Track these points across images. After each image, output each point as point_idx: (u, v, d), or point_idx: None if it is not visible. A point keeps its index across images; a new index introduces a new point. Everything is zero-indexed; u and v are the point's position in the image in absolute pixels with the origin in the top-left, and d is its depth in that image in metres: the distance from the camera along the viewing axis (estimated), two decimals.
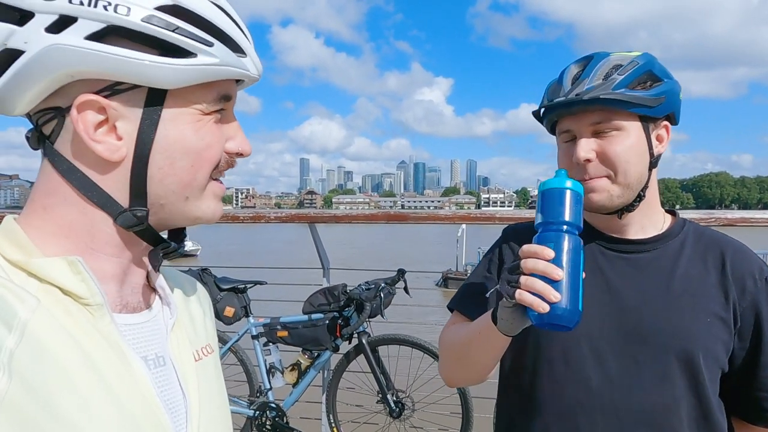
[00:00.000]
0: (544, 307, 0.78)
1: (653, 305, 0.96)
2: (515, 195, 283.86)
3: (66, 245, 0.54)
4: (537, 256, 0.80)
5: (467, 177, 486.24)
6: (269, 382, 3.01)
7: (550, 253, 0.80)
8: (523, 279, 0.80)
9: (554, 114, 0.99)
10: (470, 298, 1.12)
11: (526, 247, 0.83)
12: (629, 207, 0.99)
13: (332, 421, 3.00)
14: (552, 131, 1.05)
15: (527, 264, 0.81)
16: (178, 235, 0.62)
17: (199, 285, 0.76)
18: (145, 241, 0.58)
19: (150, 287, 0.63)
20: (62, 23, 0.50)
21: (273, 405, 2.96)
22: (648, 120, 0.97)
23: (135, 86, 0.53)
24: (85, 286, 0.52)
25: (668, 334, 0.94)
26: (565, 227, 0.83)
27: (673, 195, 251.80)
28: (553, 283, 0.78)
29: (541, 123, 1.06)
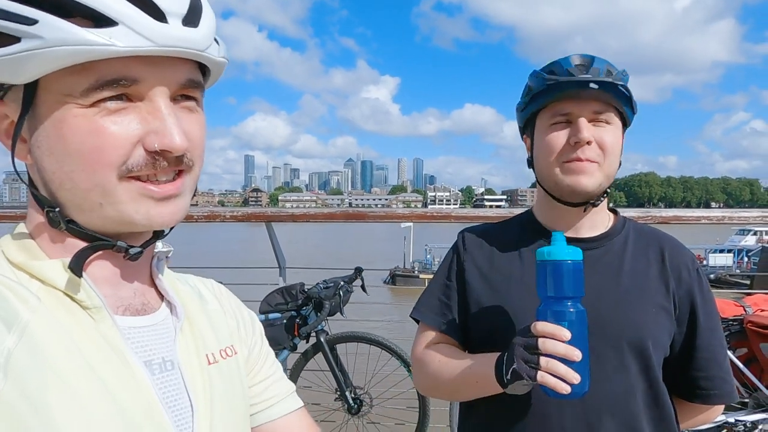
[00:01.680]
0: (567, 389, 0.81)
1: (607, 300, 1.03)
2: (461, 193, 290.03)
3: (61, 249, 0.53)
4: (555, 338, 0.84)
5: (414, 175, 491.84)
6: None
7: (567, 334, 0.83)
8: (543, 362, 0.84)
9: (558, 95, 1.01)
10: (440, 312, 1.14)
11: (541, 326, 0.86)
12: (595, 202, 1.06)
13: None
14: (530, 119, 1.08)
15: (546, 346, 0.84)
16: (157, 235, 0.58)
17: (221, 287, 0.73)
18: (80, 240, 0.53)
19: (157, 290, 0.61)
20: None
21: None
22: (625, 123, 1.06)
23: (12, 85, 0.48)
24: (81, 290, 0.51)
25: (622, 326, 1.01)
26: (570, 302, 0.86)
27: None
28: (570, 363, 0.83)
29: (523, 108, 1.08)
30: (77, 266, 0.50)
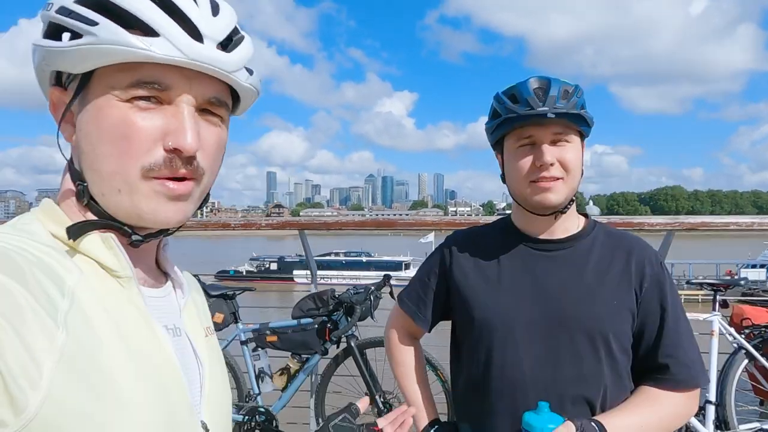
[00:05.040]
0: None
1: (571, 294, 1.14)
2: (482, 208, 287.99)
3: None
4: None
5: (435, 190, 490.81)
6: (258, 387, 3.04)
7: None
8: None
9: (519, 123, 1.13)
10: (415, 304, 1.35)
11: None
12: (564, 209, 1.17)
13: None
14: (499, 141, 1.21)
15: None
16: (164, 231, 0.63)
17: (194, 280, 0.81)
18: (96, 217, 0.59)
19: (160, 271, 0.69)
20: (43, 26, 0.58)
21: (262, 410, 2.99)
22: (583, 137, 1.17)
23: (75, 75, 0.57)
24: (116, 260, 0.57)
25: (583, 318, 1.12)
26: None
27: (632, 207, 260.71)
28: None
29: (492, 131, 1.20)
30: (75, 233, 0.56)
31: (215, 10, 0.59)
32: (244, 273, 38.75)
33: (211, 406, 0.65)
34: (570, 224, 1.21)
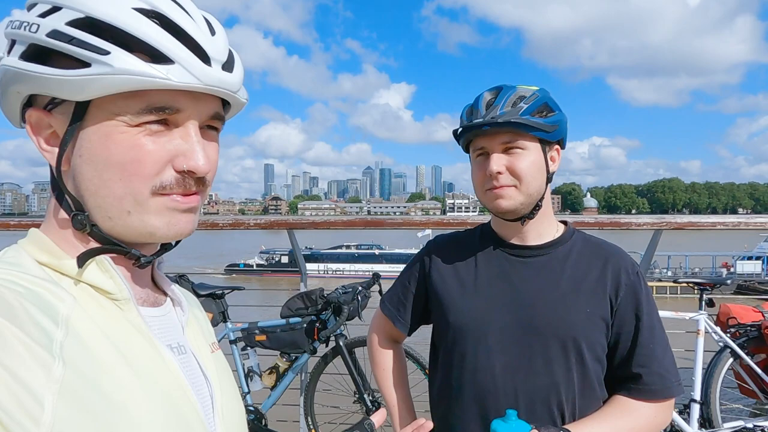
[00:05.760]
0: None
1: (545, 301, 1.15)
2: (479, 200, 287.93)
3: (80, 249, 0.58)
4: None
5: (433, 182, 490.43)
6: (247, 386, 3.05)
7: None
8: None
9: (471, 134, 1.16)
10: (396, 308, 1.37)
11: None
12: (530, 215, 1.18)
13: (310, 422, 3.07)
14: (466, 150, 1.24)
15: None
16: (165, 247, 0.64)
17: (193, 296, 0.80)
18: (99, 243, 0.58)
19: (158, 288, 0.68)
20: (10, 46, 0.56)
21: (251, 408, 3.00)
22: (545, 143, 1.16)
23: (65, 100, 0.54)
24: (112, 283, 0.56)
25: (556, 325, 1.13)
26: None
27: (629, 200, 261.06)
28: None
29: (458, 142, 1.24)
30: (82, 261, 0.56)
31: (212, 28, 0.58)
32: (254, 266, 38.50)
33: (226, 422, 0.65)
34: (544, 230, 1.22)
